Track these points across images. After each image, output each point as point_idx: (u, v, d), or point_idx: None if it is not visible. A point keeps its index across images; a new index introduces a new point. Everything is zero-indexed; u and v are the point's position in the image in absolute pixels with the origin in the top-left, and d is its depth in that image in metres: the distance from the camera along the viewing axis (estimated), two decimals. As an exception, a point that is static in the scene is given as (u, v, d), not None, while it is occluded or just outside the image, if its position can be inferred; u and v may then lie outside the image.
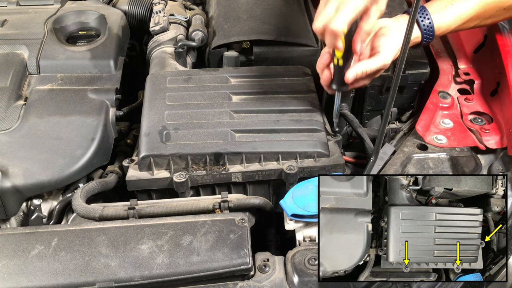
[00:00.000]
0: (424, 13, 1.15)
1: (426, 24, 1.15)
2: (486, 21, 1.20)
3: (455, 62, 1.39)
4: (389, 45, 1.10)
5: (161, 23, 1.53)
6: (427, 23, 1.15)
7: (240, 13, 1.53)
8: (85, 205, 1.05)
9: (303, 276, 0.93)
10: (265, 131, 1.16)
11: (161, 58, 1.45)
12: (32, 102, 1.29)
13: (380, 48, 1.10)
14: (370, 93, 1.39)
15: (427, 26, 1.15)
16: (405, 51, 0.92)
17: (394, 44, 1.11)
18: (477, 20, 1.18)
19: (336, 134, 1.25)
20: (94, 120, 1.25)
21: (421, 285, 0.95)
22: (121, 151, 1.35)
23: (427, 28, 1.15)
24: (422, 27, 1.15)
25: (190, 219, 0.99)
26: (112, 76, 1.40)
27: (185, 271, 0.90)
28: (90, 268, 0.90)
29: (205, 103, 1.23)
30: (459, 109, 1.27)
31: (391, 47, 1.10)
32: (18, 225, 1.19)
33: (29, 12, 1.56)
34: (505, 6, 1.16)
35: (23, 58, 1.39)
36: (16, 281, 0.89)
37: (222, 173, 1.12)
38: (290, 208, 0.99)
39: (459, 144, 1.18)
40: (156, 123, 1.18)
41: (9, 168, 1.13)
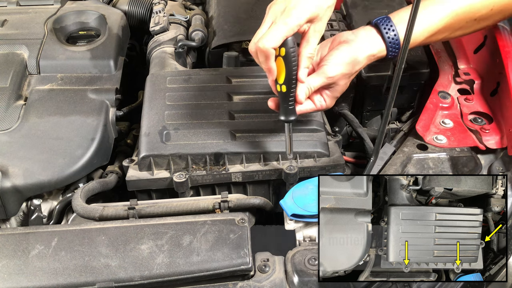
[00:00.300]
0: (389, 24, 1.07)
1: (391, 37, 1.06)
2: (455, 33, 1.14)
3: (455, 62, 1.39)
4: (336, 58, 1.04)
5: (161, 23, 1.53)
6: (392, 35, 1.06)
7: (240, 13, 1.53)
8: (85, 205, 1.05)
9: (303, 276, 0.93)
10: (265, 131, 1.16)
11: (161, 58, 1.45)
12: (32, 102, 1.29)
13: (325, 62, 1.05)
14: (370, 93, 1.40)
15: (392, 39, 1.06)
16: (405, 51, 0.92)
17: (342, 57, 1.04)
18: (446, 32, 1.12)
19: (336, 134, 1.25)
20: (94, 120, 1.25)
21: (421, 285, 0.95)
22: (121, 151, 1.35)
23: (392, 40, 1.06)
24: (386, 40, 1.06)
25: (190, 219, 0.99)
26: (112, 76, 1.40)
27: (185, 271, 0.90)
28: (90, 268, 0.90)
29: (205, 103, 1.23)
30: (459, 109, 1.27)
31: (337, 59, 1.04)
32: (18, 225, 1.19)
33: (29, 12, 1.56)
34: (476, 17, 1.10)
35: (23, 58, 1.39)
36: (16, 281, 0.89)
37: (222, 173, 1.12)
38: (290, 208, 0.99)
39: (459, 144, 1.18)
40: (156, 123, 1.18)
41: (9, 168, 1.13)
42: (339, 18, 1.56)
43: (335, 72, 1.04)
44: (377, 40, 1.08)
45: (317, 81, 1.04)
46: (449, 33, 1.13)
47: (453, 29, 1.11)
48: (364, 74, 1.35)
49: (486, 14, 1.10)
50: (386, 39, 1.07)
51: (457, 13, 1.08)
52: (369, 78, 1.36)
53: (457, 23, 1.10)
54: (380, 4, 1.55)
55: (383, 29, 1.07)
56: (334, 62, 1.04)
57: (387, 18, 1.09)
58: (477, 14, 1.10)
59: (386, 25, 1.07)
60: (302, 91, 1.02)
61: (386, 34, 1.07)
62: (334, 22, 1.52)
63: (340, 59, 1.05)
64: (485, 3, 1.09)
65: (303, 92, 1.03)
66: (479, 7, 1.09)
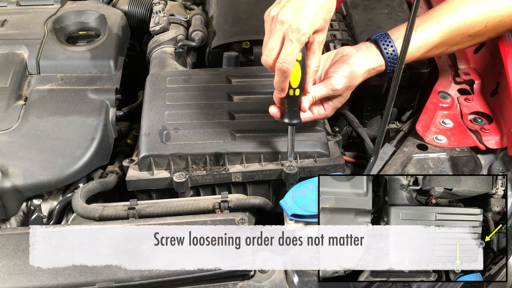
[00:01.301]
0: (388, 41, 1.12)
1: (389, 52, 1.12)
2: (452, 48, 1.18)
3: (455, 62, 1.39)
4: (342, 71, 1.09)
5: (161, 23, 1.53)
6: (390, 51, 1.12)
7: (240, 13, 1.53)
8: (85, 205, 1.05)
9: (303, 276, 0.93)
10: (265, 131, 1.16)
11: (161, 58, 1.45)
12: (32, 102, 1.29)
13: (332, 74, 1.09)
14: (370, 93, 1.39)
15: (391, 54, 1.12)
16: (405, 51, 0.92)
17: (347, 69, 1.09)
18: (442, 48, 1.16)
19: (336, 134, 1.25)
20: (94, 120, 1.25)
21: (421, 285, 0.95)
22: (121, 151, 1.35)
23: (391, 56, 1.12)
24: (385, 55, 1.12)
25: (190, 219, 0.99)
26: (112, 76, 1.40)
27: (185, 271, 0.90)
28: (90, 268, 0.90)
29: (205, 103, 1.23)
30: (459, 109, 1.27)
31: (343, 72, 1.09)
32: (18, 225, 1.19)
33: (29, 12, 1.56)
34: (471, 33, 1.14)
35: (23, 58, 1.39)
36: (16, 281, 0.89)
37: (222, 173, 1.12)
38: (290, 208, 0.99)
39: (459, 144, 1.18)
40: (156, 123, 1.18)
41: (9, 168, 1.13)
42: (339, 18, 1.56)
43: (341, 84, 1.08)
44: (377, 56, 1.13)
45: (322, 91, 1.08)
46: (445, 48, 1.17)
47: (449, 44, 1.16)
48: (364, 74, 1.35)
49: (480, 31, 1.14)
50: (385, 55, 1.12)
51: (451, 29, 1.13)
52: (369, 78, 1.36)
53: (453, 39, 1.15)
54: (380, 4, 1.55)
55: (382, 45, 1.13)
56: (340, 75, 1.09)
57: (386, 35, 1.14)
58: (472, 30, 1.14)
59: (385, 41, 1.13)
60: (306, 100, 1.06)
61: (385, 50, 1.12)
62: (334, 22, 1.52)
63: (346, 72, 1.09)
64: (479, 20, 1.13)
65: (308, 101, 1.06)
66: (473, 24, 1.13)
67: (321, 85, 1.09)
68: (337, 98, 1.12)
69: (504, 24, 1.15)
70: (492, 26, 1.14)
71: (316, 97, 1.08)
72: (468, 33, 1.14)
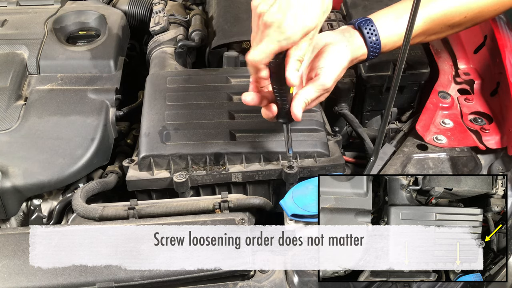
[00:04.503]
0: (372, 29, 1.08)
1: (373, 41, 1.08)
2: (430, 37, 1.17)
3: (455, 62, 1.39)
4: (329, 66, 1.03)
5: (161, 23, 1.53)
6: (374, 40, 1.08)
7: (240, 13, 1.53)
8: (85, 205, 1.05)
9: (303, 276, 0.93)
10: (265, 131, 1.16)
11: (161, 58, 1.45)
12: (32, 102, 1.29)
13: (319, 70, 1.03)
14: (370, 93, 1.40)
15: (374, 43, 1.09)
16: (405, 51, 0.92)
17: (335, 63, 1.04)
18: (422, 36, 1.15)
19: (336, 134, 1.25)
20: (94, 120, 1.25)
21: (421, 285, 0.95)
22: (121, 151, 1.35)
23: (374, 45, 1.09)
24: (369, 44, 1.08)
25: (190, 219, 0.99)
26: (112, 76, 1.40)
27: (185, 271, 0.90)
28: (90, 268, 0.90)
29: (205, 103, 1.23)
30: (459, 109, 1.27)
31: (331, 67, 1.03)
32: (18, 225, 1.19)
33: (29, 12, 1.56)
34: (450, 23, 1.14)
35: (23, 58, 1.39)
36: (16, 281, 0.89)
37: (222, 173, 1.12)
38: (290, 208, 0.99)
39: (459, 144, 1.18)
40: (156, 123, 1.18)
41: (9, 168, 1.13)
42: (339, 18, 1.56)
43: (331, 81, 1.03)
44: (360, 44, 1.09)
45: (314, 93, 1.03)
46: (424, 37, 1.16)
47: (428, 33, 1.15)
48: (364, 74, 1.36)
49: (460, 21, 1.14)
50: (369, 44, 1.09)
51: (432, 19, 1.12)
52: (369, 78, 1.36)
53: (432, 29, 1.14)
54: (380, 4, 1.53)
55: (366, 34, 1.08)
56: (328, 70, 1.03)
57: (369, 21, 1.09)
58: (452, 20, 1.14)
59: (370, 29, 1.09)
60: (298, 106, 1.00)
61: (369, 39, 1.08)
62: (334, 22, 1.52)
63: (333, 66, 1.04)
64: (460, 11, 1.13)
65: (299, 107, 1.00)
66: (453, 14, 1.13)
67: (311, 86, 1.03)
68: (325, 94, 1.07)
69: (482, 15, 1.15)
70: (471, 17, 1.14)
71: (309, 101, 1.02)
72: (447, 23, 1.14)
